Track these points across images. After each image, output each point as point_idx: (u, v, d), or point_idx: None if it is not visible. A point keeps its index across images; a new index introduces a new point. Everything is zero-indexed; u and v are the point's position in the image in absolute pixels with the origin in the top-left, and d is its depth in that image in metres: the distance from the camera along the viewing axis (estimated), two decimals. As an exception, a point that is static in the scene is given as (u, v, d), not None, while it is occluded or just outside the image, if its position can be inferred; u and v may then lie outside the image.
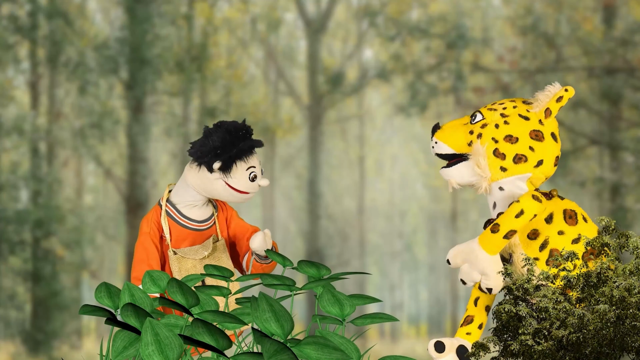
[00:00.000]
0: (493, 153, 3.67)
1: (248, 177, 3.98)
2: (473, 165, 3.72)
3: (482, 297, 3.84)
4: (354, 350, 2.70)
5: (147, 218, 4.07)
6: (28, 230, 8.03)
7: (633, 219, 7.93)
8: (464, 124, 3.77)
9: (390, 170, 8.52)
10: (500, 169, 3.68)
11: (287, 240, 8.12)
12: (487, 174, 3.70)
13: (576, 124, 8.04)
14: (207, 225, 4.07)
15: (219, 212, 4.13)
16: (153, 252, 4.02)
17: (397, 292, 8.50)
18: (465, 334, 3.83)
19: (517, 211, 3.59)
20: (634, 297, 3.19)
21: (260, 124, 8.24)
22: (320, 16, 8.42)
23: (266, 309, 2.71)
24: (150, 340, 2.54)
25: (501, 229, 3.59)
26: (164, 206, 4.04)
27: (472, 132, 3.73)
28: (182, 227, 4.03)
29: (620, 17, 8.20)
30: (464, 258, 3.61)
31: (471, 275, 3.61)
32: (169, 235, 4.02)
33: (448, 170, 3.76)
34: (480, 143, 3.69)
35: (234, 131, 4.00)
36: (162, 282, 3.29)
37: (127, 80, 8.20)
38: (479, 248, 3.60)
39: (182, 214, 4.03)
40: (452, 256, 3.63)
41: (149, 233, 4.03)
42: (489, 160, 3.68)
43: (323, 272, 3.44)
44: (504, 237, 3.59)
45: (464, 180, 3.76)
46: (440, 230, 8.37)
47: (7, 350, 7.89)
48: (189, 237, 4.04)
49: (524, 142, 3.68)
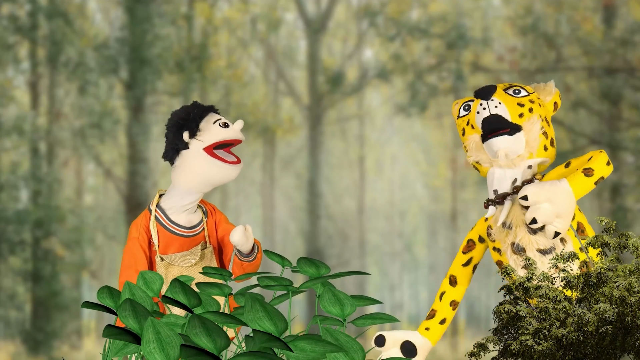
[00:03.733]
0: (541, 130, 3.64)
1: (218, 125, 3.95)
2: (527, 138, 3.62)
3: (449, 292, 3.80)
4: (358, 349, 2.70)
5: (135, 223, 4.04)
6: (28, 230, 8.03)
7: (633, 219, 7.93)
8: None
9: (390, 170, 8.52)
10: (543, 148, 3.64)
11: (287, 240, 8.12)
12: (535, 150, 3.63)
13: (576, 124, 8.04)
14: (195, 232, 4.03)
15: (208, 217, 4.09)
16: (141, 257, 3.99)
17: (397, 292, 8.50)
18: (424, 329, 3.79)
19: (606, 159, 3.55)
20: (634, 297, 3.19)
21: (260, 124, 8.24)
22: (320, 16, 8.42)
23: (259, 308, 2.72)
24: (152, 338, 2.56)
25: (595, 174, 3.52)
26: (154, 211, 4.02)
27: (523, 104, 3.65)
28: (170, 233, 3.99)
29: (620, 17, 8.20)
30: (548, 196, 3.49)
31: (549, 215, 3.50)
32: (157, 240, 3.99)
33: (504, 138, 3.60)
34: (536, 117, 3.63)
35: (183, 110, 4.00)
36: (155, 285, 3.28)
37: (127, 80, 8.20)
38: (570, 189, 3.49)
39: (171, 220, 3.99)
40: (532, 192, 3.49)
41: (138, 238, 4.00)
42: (540, 137, 3.63)
43: (322, 270, 3.43)
44: (595, 183, 3.54)
45: (511, 153, 3.64)
46: (440, 230, 8.36)
47: (7, 350, 7.88)
48: (176, 243, 4.00)
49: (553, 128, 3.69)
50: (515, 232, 3.61)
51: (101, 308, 2.94)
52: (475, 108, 3.66)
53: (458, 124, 3.78)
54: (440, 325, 3.78)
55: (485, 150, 3.65)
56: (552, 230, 3.49)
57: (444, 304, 3.78)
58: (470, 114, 3.71)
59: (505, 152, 3.60)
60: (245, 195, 8.40)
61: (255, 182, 8.35)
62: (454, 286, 3.79)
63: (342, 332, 2.77)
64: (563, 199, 3.48)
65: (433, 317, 3.79)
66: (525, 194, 3.50)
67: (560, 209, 3.48)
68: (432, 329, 3.77)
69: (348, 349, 2.71)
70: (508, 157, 3.61)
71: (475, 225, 3.87)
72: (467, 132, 3.71)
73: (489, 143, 3.62)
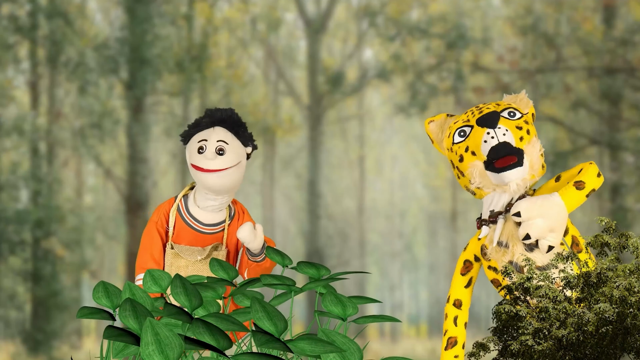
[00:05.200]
0: (540, 151, 3.65)
1: (196, 149, 3.95)
2: (530, 161, 3.62)
3: (460, 315, 3.79)
4: (356, 350, 2.70)
5: (159, 207, 4.11)
6: (28, 230, 8.03)
7: (633, 219, 7.92)
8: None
9: (390, 170, 8.52)
10: (542, 166, 3.65)
11: (287, 240, 8.11)
12: (537, 171, 3.63)
13: (576, 124, 8.04)
14: (212, 230, 4.05)
15: (233, 220, 4.10)
16: (157, 241, 4.04)
17: (397, 292, 8.50)
18: (453, 358, 3.78)
19: (596, 171, 3.55)
20: (634, 297, 3.19)
21: (260, 124, 8.24)
22: (320, 16, 8.42)
23: (259, 309, 2.72)
24: (151, 340, 2.55)
25: (587, 186, 3.52)
26: (178, 200, 4.06)
27: (521, 127, 3.65)
28: (186, 225, 4.03)
29: (620, 17, 8.20)
30: (541, 212, 3.50)
31: (542, 230, 3.50)
32: (172, 228, 4.04)
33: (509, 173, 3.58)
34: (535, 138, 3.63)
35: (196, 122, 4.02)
36: (163, 282, 3.29)
37: (127, 80, 8.20)
38: (562, 203, 3.50)
39: (190, 213, 4.03)
40: (525, 209, 3.50)
41: (157, 222, 4.06)
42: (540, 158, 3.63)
43: (322, 272, 3.43)
44: (586, 195, 3.54)
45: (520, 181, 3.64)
46: (440, 230, 8.36)
47: (7, 350, 7.88)
48: (189, 236, 4.03)
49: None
50: (512, 251, 3.61)
51: (97, 316, 2.92)
52: (480, 136, 3.65)
53: (452, 149, 3.75)
54: (462, 350, 3.79)
55: (489, 177, 3.64)
56: (545, 245, 3.51)
57: (460, 329, 3.79)
58: (468, 141, 3.69)
59: (517, 182, 3.61)
60: (245, 195, 8.39)
61: (255, 182, 8.35)
62: (461, 309, 3.79)
63: (339, 333, 2.77)
64: (555, 213, 3.50)
65: (456, 344, 3.77)
66: (518, 210, 3.51)
67: (553, 224, 3.50)
68: (460, 357, 3.77)
69: (345, 349, 2.71)
70: (519, 186, 3.63)
71: (467, 246, 3.85)
72: (467, 159, 3.69)
73: (501, 176, 3.61)
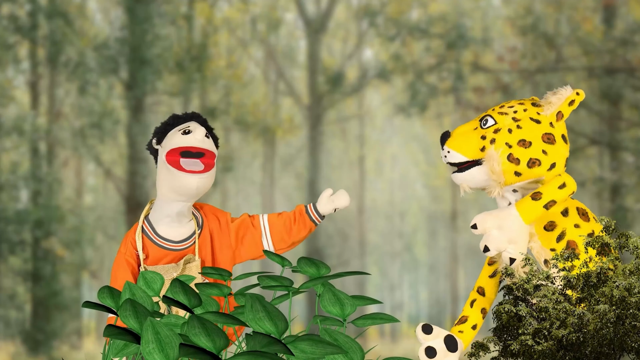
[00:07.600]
0: (507, 158, 3.65)
1: (180, 133, 3.85)
2: (487, 170, 3.69)
3: (479, 300, 3.82)
4: (357, 349, 2.70)
5: (125, 235, 4.00)
6: (28, 230, 8.03)
7: (633, 219, 7.92)
8: (473, 129, 3.74)
9: (390, 170, 8.52)
10: (514, 173, 3.67)
11: (287, 240, 8.10)
12: (502, 179, 3.67)
13: (576, 124, 8.04)
14: (184, 245, 3.95)
15: (203, 229, 4.02)
16: (126, 273, 3.92)
17: (397, 292, 8.50)
18: (457, 332, 3.80)
19: (560, 183, 3.58)
20: (634, 297, 3.19)
21: (260, 124, 8.24)
22: (320, 16, 8.42)
23: (259, 308, 2.71)
24: (151, 338, 2.56)
25: (543, 197, 3.56)
26: (141, 222, 3.96)
27: (485, 137, 3.70)
28: (155, 245, 3.95)
29: (620, 17, 8.19)
30: (496, 223, 3.54)
31: (500, 242, 3.55)
32: (141, 251, 3.94)
33: (461, 174, 3.71)
34: (494, 148, 3.67)
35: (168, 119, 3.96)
36: (155, 285, 3.28)
37: (127, 80, 8.20)
38: (517, 214, 3.56)
39: (158, 234, 3.94)
40: (480, 220, 3.55)
41: (125, 253, 3.96)
42: (504, 165, 3.66)
43: (322, 270, 3.42)
44: (544, 207, 3.56)
45: (476, 185, 3.73)
46: (440, 230, 8.36)
47: (7, 350, 7.88)
48: (166, 257, 3.95)
49: (537, 146, 3.67)
50: (500, 260, 3.69)
51: (102, 308, 2.94)
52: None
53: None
54: (472, 330, 3.79)
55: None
56: (506, 257, 3.54)
57: (475, 311, 3.80)
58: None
59: (466, 186, 3.71)
60: (245, 195, 8.39)
61: (255, 182, 8.35)
62: (483, 296, 3.81)
63: (341, 333, 2.77)
64: (511, 223, 3.53)
65: (465, 322, 3.79)
66: (474, 223, 3.56)
67: (510, 235, 3.53)
68: (465, 333, 3.78)
69: (347, 349, 2.71)
70: (467, 191, 3.72)
71: None
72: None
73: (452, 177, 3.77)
